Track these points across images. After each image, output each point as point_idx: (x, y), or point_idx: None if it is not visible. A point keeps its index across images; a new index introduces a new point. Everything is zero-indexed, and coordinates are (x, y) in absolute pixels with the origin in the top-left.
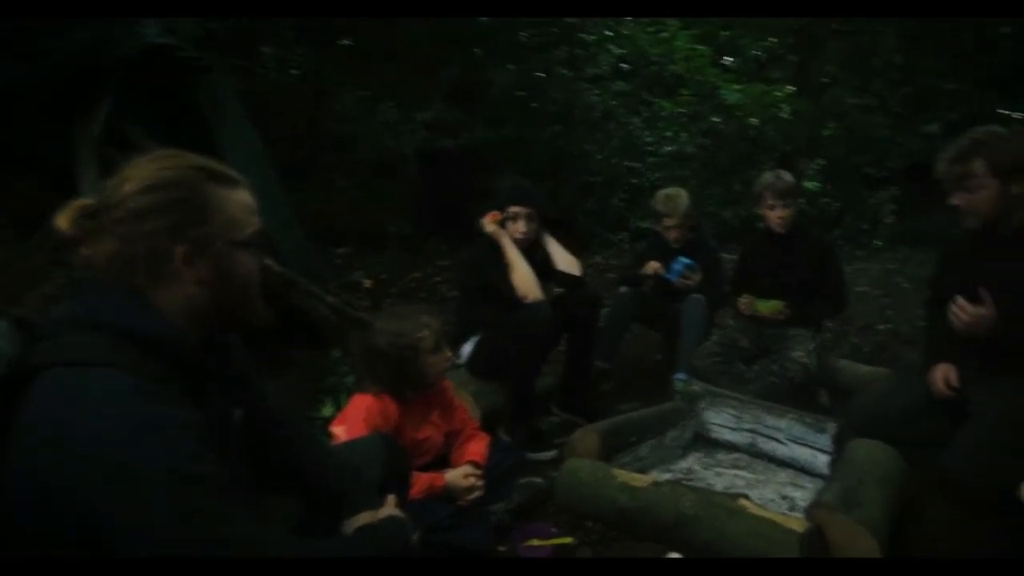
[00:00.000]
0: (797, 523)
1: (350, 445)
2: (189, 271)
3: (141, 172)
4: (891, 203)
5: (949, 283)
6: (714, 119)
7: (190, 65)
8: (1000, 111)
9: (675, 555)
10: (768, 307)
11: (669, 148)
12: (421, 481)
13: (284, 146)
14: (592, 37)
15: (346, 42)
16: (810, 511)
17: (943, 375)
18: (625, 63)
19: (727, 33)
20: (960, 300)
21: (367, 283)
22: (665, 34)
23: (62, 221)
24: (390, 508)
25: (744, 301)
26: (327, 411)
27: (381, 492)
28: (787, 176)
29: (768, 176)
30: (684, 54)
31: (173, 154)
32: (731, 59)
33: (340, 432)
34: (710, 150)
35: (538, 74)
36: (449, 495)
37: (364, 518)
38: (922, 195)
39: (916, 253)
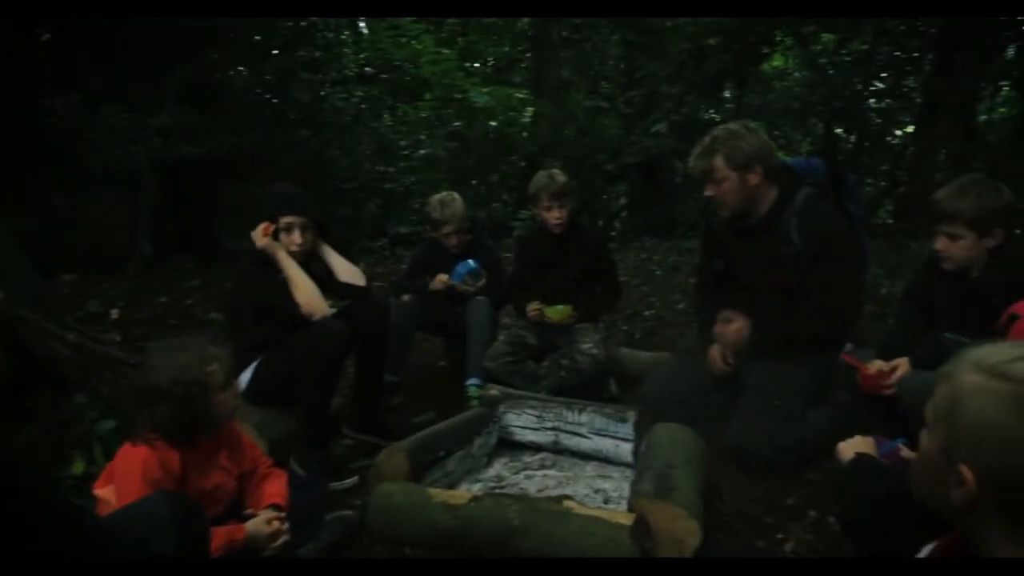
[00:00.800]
0: (624, 516)
1: (126, 511)
2: None
3: None
4: (624, 197)
5: (713, 268)
6: (456, 123)
7: None
8: (708, 114)
9: None
10: (557, 313)
11: (423, 152)
12: (219, 536)
13: None
14: (331, 35)
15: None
16: (632, 502)
17: (719, 354)
18: (368, 67)
19: (464, 40)
20: (714, 355)
21: (114, 313)
22: (404, 39)
23: None
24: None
25: (533, 309)
26: (78, 468)
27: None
28: (560, 177)
29: (542, 177)
30: (430, 58)
31: None
32: (474, 64)
33: (107, 495)
34: (458, 153)
35: (267, 77)
36: (253, 546)
37: None
38: (651, 190)
39: (660, 243)
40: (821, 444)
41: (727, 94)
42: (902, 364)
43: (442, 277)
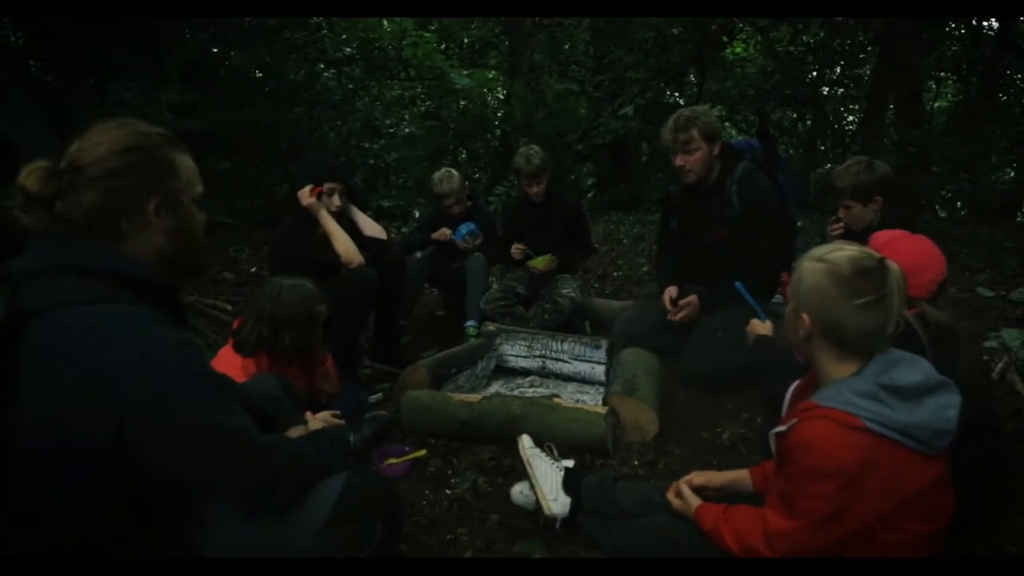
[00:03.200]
0: (599, 408)
1: (249, 384)
2: (158, 222)
3: (112, 136)
4: (592, 177)
5: (670, 227)
6: (427, 103)
7: None
8: (672, 99)
9: (568, 463)
10: (541, 261)
11: (407, 130)
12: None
13: None
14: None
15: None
16: (606, 399)
17: (669, 296)
18: (349, 47)
19: (440, 22)
20: (668, 294)
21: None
22: (387, 24)
23: (29, 181)
24: (318, 422)
25: (517, 248)
26: None
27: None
28: (535, 159)
29: (519, 159)
30: (412, 40)
31: (135, 122)
32: (449, 45)
33: None
34: (435, 131)
35: (266, 59)
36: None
37: (297, 431)
38: (618, 169)
39: (626, 216)
40: (753, 366)
41: (692, 78)
42: None
43: (444, 230)
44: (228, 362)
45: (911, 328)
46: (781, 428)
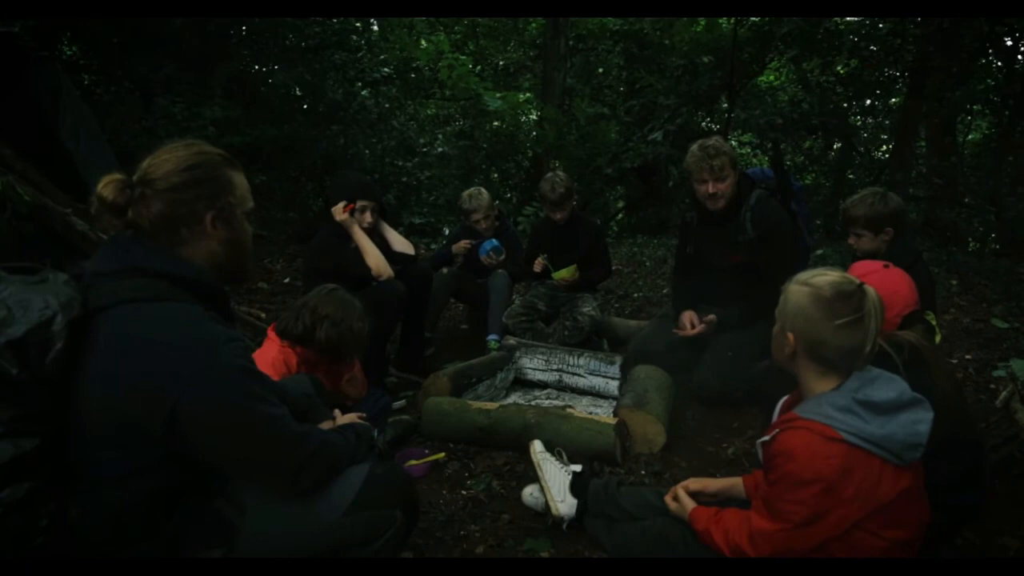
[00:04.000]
0: (609, 419)
1: (284, 381)
2: (214, 232)
3: (179, 155)
4: (621, 200)
5: (687, 252)
6: (459, 123)
7: (30, 55)
8: (703, 124)
9: (576, 467)
10: (564, 273)
11: (440, 149)
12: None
13: None
14: (356, 39)
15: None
16: (616, 410)
17: (688, 319)
18: (387, 67)
19: (475, 44)
20: (684, 318)
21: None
22: (421, 39)
23: (107, 191)
24: (347, 418)
25: (539, 262)
26: None
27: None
28: (560, 187)
29: (544, 186)
30: (448, 62)
31: (198, 142)
32: (480, 68)
33: None
34: (467, 151)
35: (307, 77)
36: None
37: (326, 426)
38: (647, 193)
39: (651, 240)
40: (762, 387)
41: (724, 104)
42: None
43: (463, 243)
44: (262, 361)
45: (883, 350)
46: (765, 438)
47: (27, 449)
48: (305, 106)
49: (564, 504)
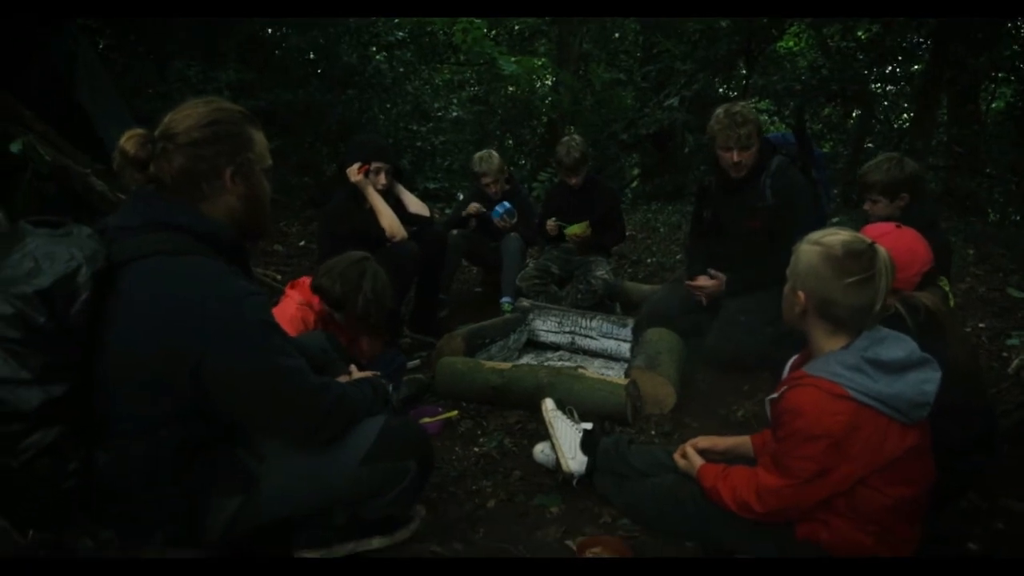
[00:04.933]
0: (621, 380)
1: (300, 337)
2: (233, 187)
3: (200, 111)
4: (636, 167)
5: (704, 216)
6: (475, 88)
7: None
8: (720, 90)
9: (587, 425)
10: (576, 228)
11: (455, 114)
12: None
13: None
14: None
15: None
16: (628, 371)
17: (701, 283)
18: (401, 31)
19: None
20: (698, 279)
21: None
22: None
23: (129, 145)
24: (362, 375)
25: (551, 223)
26: None
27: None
28: (576, 151)
29: (560, 150)
30: (462, 26)
31: (218, 99)
32: (495, 32)
33: None
34: (481, 116)
35: (320, 40)
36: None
37: (342, 380)
38: (662, 160)
39: (665, 206)
40: (772, 351)
41: (743, 71)
42: None
43: (475, 205)
44: (280, 317)
45: (898, 312)
46: (774, 395)
47: (57, 395)
48: (320, 70)
49: (575, 461)
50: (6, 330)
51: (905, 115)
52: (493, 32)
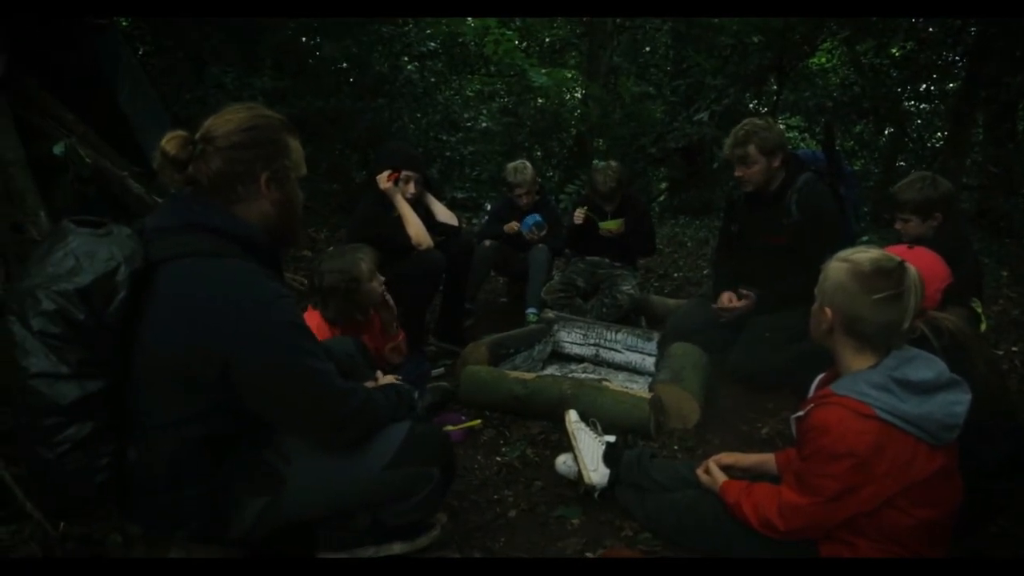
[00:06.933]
0: (645, 393)
1: (328, 343)
2: (268, 192)
3: (240, 116)
4: (664, 181)
5: (731, 231)
6: (504, 99)
7: (91, 23)
8: (751, 106)
9: (610, 438)
10: (611, 224)
11: (484, 125)
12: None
13: None
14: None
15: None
16: (651, 385)
17: (727, 299)
18: (433, 42)
19: (522, 20)
20: (723, 298)
21: None
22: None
23: (170, 146)
24: (388, 379)
25: (579, 212)
26: None
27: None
28: (612, 182)
29: (596, 178)
30: (494, 37)
31: (259, 106)
32: (525, 44)
33: None
34: (510, 127)
35: (353, 49)
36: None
37: (369, 385)
38: (691, 174)
39: (693, 221)
40: (797, 369)
41: (775, 87)
42: None
43: (513, 224)
44: (308, 323)
45: (923, 334)
46: (799, 413)
47: (92, 391)
48: (351, 79)
49: (596, 473)
50: (48, 325)
51: (939, 133)
52: (524, 44)
